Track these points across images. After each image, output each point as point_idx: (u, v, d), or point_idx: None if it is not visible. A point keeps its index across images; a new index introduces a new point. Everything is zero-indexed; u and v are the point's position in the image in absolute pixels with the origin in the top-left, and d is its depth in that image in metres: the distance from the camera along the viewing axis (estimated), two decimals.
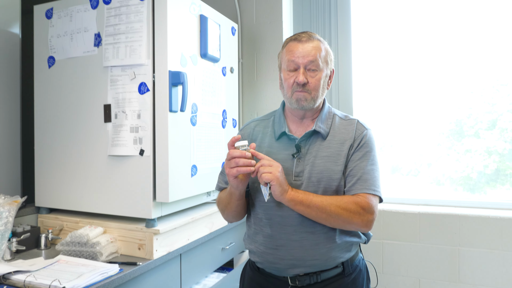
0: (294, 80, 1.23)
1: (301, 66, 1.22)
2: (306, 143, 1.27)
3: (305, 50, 1.22)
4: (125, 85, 1.62)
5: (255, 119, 1.42)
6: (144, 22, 1.59)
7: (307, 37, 1.24)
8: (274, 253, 1.24)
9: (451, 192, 2.46)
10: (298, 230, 1.22)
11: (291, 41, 1.26)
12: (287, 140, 1.29)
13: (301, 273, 1.24)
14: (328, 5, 2.51)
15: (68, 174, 1.77)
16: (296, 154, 1.25)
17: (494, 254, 2.09)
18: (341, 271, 1.26)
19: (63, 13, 1.76)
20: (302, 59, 1.22)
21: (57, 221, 1.78)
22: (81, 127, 1.74)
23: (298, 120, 1.32)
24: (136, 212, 1.62)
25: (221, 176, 1.41)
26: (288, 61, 1.24)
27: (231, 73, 2.14)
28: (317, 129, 1.26)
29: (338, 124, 1.31)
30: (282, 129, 1.29)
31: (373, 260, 2.31)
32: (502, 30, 2.29)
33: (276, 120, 1.34)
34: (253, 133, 1.37)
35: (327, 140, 1.26)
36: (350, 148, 1.25)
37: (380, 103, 2.63)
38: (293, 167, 1.24)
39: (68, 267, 1.42)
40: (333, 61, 1.31)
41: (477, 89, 2.42)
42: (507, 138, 2.32)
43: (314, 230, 1.21)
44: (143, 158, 1.60)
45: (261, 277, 1.32)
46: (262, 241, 1.27)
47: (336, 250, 1.23)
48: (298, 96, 1.24)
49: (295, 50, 1.23)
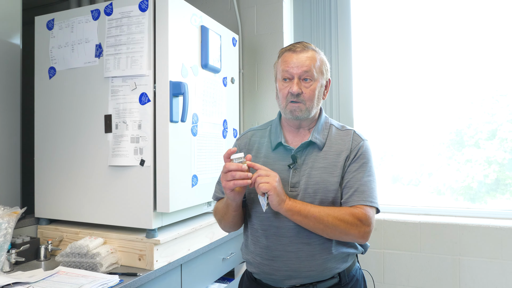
0: (288, 90, 1.23)
1: (295, 76, 1.23)
2: (302, 154, 1.26)
3: (299, 61, 1.23)
4: (126, 96, 1.63)
5: (252, 129, 1.42)
6: (145, 33, 1.60)
7: (301, 48, 1.25)
8: (270, 264, 1.24)
9: (452, 201, 2.46)
10: (294, 241, 1.22)
11: (286, 52, 1.27)
12: (283, 150, 1.29)
13: (297, 284, 1.23)
14: (328, 15, 2.53)
15: (68, 185, 1.76)
16: (292, 165, 1.25)
17: (494, 264, 2.08)
18: (337, 282, 1.26)
19: (64, 24, 1.77)
20: (297, 69, 1.22)
21: (57, 232, 1.77)
22: (81, 137, 1.74)
23: (295, 130, 1.32)
24: (136, 223, 1.61)
25: (218, 186, 1.41)
26: (282, 71, 1.25)
27: (232, 83, 2.15)
28: (313, 140, 1.26)
29: (335, 134, 1.31)
30: (278, 139, 1.29)
31: (374, 270, 2.30)
32: (501, 41, 2.31)
33: (272, 130, 1.34)
34: (250, 143, 1.37)
35: (323, 151, 1.26)
36: (346, 159, 1.25)
37: (380, 112, 2.64)
38: (289, 178, 1.24)
39: (67, 279, 1.41)
40: (329, 71, 1.32)
41: (477, 100, 2.44)
42: (506, 148, 2.33)
43: (310, 241, 1.21)
44: (143, 168, 1.60)
45: (258, 287, 1.32)
46: (259, 252, 1.27)
47: (332, 261, 1.23)
48: (293, 107, 1.24)
49: (289, 61, 1.24)
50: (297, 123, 1.30)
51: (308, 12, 2.59)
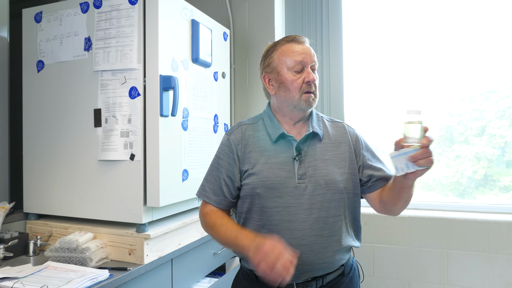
0: (303, 80, 1.22)
1: (307, 66, 1.23)
2: (304, 145, 1.25)
3: (308, 50, 1.24)
4: (116, 90, 1.62)
5: (243, 122, 1.35)
6: (135, 27, 1.59)
7: (302, 39, 1.26)
8: None
9: (441, 197, 2.49)
10: (307, 234, 1.19)
11: (288, 43, 1.25)
12: (284, 142, 1.25)
13: (309, 278, 1.22)
14: (319, 11, 2.54)
15: (58, 180, 1.75)
16: (298, 156, 1.23)
17: (482, 257, 2.12)
18: (341, 272, 1.27)
19: (53, 17, 1.75)
20: (309, 58, 1.23)
21: (46, 227, 1.75)
22: (70, 131, 1.72)
23: (291, 123, 1.30)
24: (126, 217, 1.61)
25: (208, 185, 1.31)
26: (294, 62, 1.22)
27: (223, 78, 2.15)
28: (315, 131, 1.26)
29: (329, 126, 1.33)
30: (279, 131, 1.25)
31: (364, 263, 2.33)
32: (491, 39, 2.34)
33: (267, 123, 1.30)
34: (245, 137, 1.30)
35: (323, 142, 1.27)
36: (351, 152, 1.28)
37: (371, 109, 2.66)
38: (295, 169, 1.21)
39: (56, 273, 1.41)
40: None
41: (467, 97, 2.47)
42: (495, 144, 2.37)
43: (323, 233, 1.20)
44: (133, 162, 1.59)
45: (260, 286, 1.26)
46: None
47: (340, 252, 1.24)
48: (308, 97, 1.23)
49: (299, 51, 1.23)
50: (301, 115, 1.28)
51: (300, 7, 2.59)
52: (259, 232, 1.23)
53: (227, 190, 1.28)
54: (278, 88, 1.26)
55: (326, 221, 1.21)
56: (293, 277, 1.19)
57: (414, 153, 1.01)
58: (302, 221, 1.20)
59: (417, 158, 1.01)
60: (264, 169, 1.23)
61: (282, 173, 1.21)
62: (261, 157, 1.24)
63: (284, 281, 1.03)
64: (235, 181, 1.27)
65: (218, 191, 1.29)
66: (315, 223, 1.20)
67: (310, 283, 1.23)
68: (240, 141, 1.29)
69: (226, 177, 1.28)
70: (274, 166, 1.23)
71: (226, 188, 1.28)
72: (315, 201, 1.20)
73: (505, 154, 2.35)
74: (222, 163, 1.29)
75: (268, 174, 1.22)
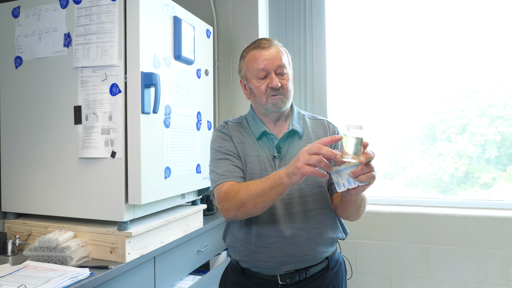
0: (266, 86, 1.25)
1: (271, 71, 1.24)
2: (285, 143, 1.30)
3: (271, 55, 1.25)
4: (96, 86, 1.60)
5: (229, 121, 1.42)
6: (116, 23, 1.57)
7: (268, 43, 1.27)
8: (265, 251, 1.25)
9: (424, 194, 2.54)
10: (288, 227, 1.24)
11: (253, 50, 1.28)
12: (267, 140, 1.31)
13: (292, 270, 1.25)
14: (303, 8, 2.55)
15: (37, 178, 1.72)
16: (278, 154, 1.28)
17: (460, 251, 2.17)
18: (326, 266, 1.30)
19: (31, 12, 1.72)
20: (271, 64, 1.24)
21: (25, 226, 1.72)
22: (50, 129, 1.69)
23: (272, 123, 1.35)
24: (107, 215, 1.59)
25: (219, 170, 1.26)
26: (257, 70, 1.25)
27: (206, 75, 2.14)
28: (294, 129, 1.30)
29: (310, 124, 1.36)
30: (262, 128, 1.31)
31: (347, 258, 2.36)
32: (472, 39, 2.39)
33: (251, 122, 1.35)
34: (232, 130, 1.36)
35: (303, 140, 1.31)
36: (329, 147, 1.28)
37: (355, 108, 2.69)
38: (275, 167, 1.26)
39: (35, 273, 1.38)
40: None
41: (449, 95, 2.52)
42: (476, 142, 2.42)
43: (304, 226, 1.24)
44: (114, 160, 1.57)
45: (247, 279, 1.31)
46: (253, 240, 1.27)
47: (323, 245, 1.27)
48: (274, 100, 1.26)
49: (261, 58, 1.25)
50: (276, 116, 1.32)
51: (283, 5, 2.60)
52: (243, 223, 1.29)
53: (239, 164, 1.28)
54: (250, 94, 1.33)
55: (307, 215, 1.25)
56: (274, 268, 1.25)
57: (355, 169, 1.00)
58: (283, 215, 1.24)
59: (358, 174, 1.00)
60: (250, 161, 1.28)
61: (268, 168, 1.27)
62: (251, 150, 1.31)
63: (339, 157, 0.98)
64: (241, 158, 1.29)
65: (232, 168, 1.26)
66: (296, 216, 1.24)
67: (293, 275, 1.25)
68: (231, 133, 1.36)
69: (234, 154, 1.29)
70: (261, 159, 1.28)
71: (238, 161, 1.28)
72: (294, 195, 1.25)
73: (485, 151, 2.41)
74: (225, 149, 1.30)
75: (254, 166, 1.27)
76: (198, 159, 2.01)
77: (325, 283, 1.29)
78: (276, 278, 1.26)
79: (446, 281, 2.19)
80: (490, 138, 2.40)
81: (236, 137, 1.34)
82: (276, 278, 1.26)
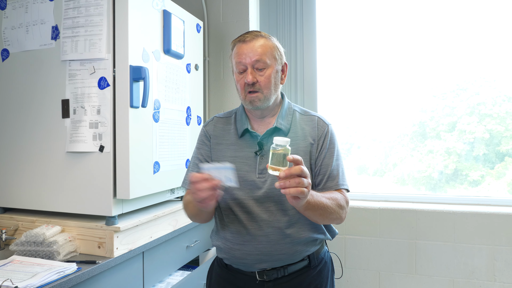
0: (244, 81, 1.23)
1: (249, 66, 1.23)
2: (268, 140, 1.27)
3: (250, 50, 1.22)
4: (84, 80, 1.58)
5: (217, 115, 1.42)
6: (104, 16, 1.55)
7: (251, 37, 1.25)
8: (241, 248, 1.25)
9: (414, 191, 2.56)
10: (264, 225, 1.24)
11: (237, 43, 1.27)
12: (250, 137, 1.30)
13: (268, 268, 1.25)
14: (294, 4, 2.55)
15: (24, 172, 1.70)
16: (259, 151, 1.26)
17: (447, 246, 2.20)
18: (307, 264, 1.29)
19: (18, 4, 1.69)
20: (249, 59, 1.22)
21: (12, 221, 1.70)
22: (37, 122, 1.68)
23: (257, 119, 1.33)
24: (95, 210, 1.58)
25: (189, 174, 1.37)
26: (236, 63, 1.25)
27: (196, 70, 2.13)
28: (278, 126, 1.28)
29: (299, 119, 1.33)
30: (244, 126, 1.30)
31: (338, 257, 2.37)
32: (462, 38, 2.41)
33: (238, 117, 1.35)
34: (214, 129, 1.37)
35: (288, 137, 1.28)
36: (313, 146, 1.28)
37: (346, 105, 2.71)
38: (256, 164, 1.26)
39: (22, 267, 1.37)
40: (283, 55, 1.31)
41: (439, 93, 2.54)
42: (465, 139, 2.45)
43: (280, 225, 1.24)
44: (103, 154, 1.56)
45: (229, 273, 1.33)
46: (230, 237, 1.28)
47: (301, 244, 1.26)
48: (251, 98, 1.24)
49: (241, 52, 1.24)
50: (260, 112, 1.31)
51: (274, 1, 2.59)
52: (224, 220, 1.30)
53: None
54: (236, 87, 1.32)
55: (284, 214, 1.24)
56: (251, 265, 1.26)
57: (277, 182, 1.02)
58: (259, 213, 1.24)
59: (281, 187, 1.01)
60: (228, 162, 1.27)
61: (244, 167, 1.26)
62: (227, 151, 1.30)
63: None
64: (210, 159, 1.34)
65: None
66: (272, 215, 1.23)
67: (270, 272, 1.26)
68: (213, 132, 1.37)
69: (205, 161, 1.34)
70: (237, 160, 1.27)
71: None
72: (273, 194, 1.23)
73: (474, 149, 2.44)
74: (201, 151, 1.36)
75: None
76: (188, 154, 2.01)
77: (306, 281, 1.28)
78: (254, 274, 1.27)
79: (434, 277, 2.22)
80: (479, 136, 2.42)
81: (215, 138, 1.34)
82: (255, 275, 1.27)
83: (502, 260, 2.11)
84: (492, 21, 2.36)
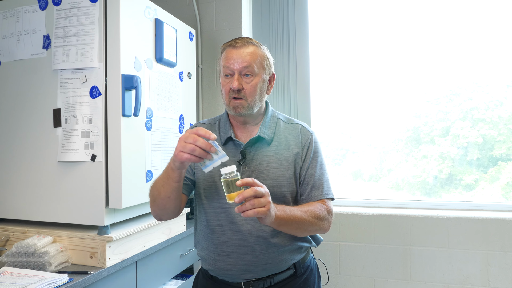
0: (229, 86, 1.22)
1: (236, 72, 1.21)
2: (251, 149, 1.26)
3: (239, 56, 1.21)
4: (76, 89, 1.58)
5: (201, 122, 1.40)
6: (96, 25, 1.56)
7: (242, 43, 1.24)
8: (226, 259, 1.24)
9: (409, 196, 2.57)
10: (249, 235, 1.22)
11: (227, 47, 1.26)
12: (233, 145, 1.28)
13: (254, 278, 1.24)
14: (286, 11, 2.56)
15: (15, 182, 1.69)
16: (242, 161, 1.24)
17: (442, 252, 2.20)
18: (293, 273, 1.28)
19: (9, 13, 1.69)
20: (237, 64, 1.21)
21: (3, 232, 1.68)
22: (29, 132, 1.67)
23: (242, 126, 1.32)
24: (87, 220, 1.57)
25: None
26: (223, 67, 1.24)
27: (189, 78, 2.13)
28: (261, 135, 1.26)
29: (283, 128, 1.32)
30: (227, 134, 1.28)
31: (330, 261, 2.36)
32: (455, 43, 2.43)
33: (221, 125, 1.33)
34: None
35: (272, 146, 1.27)
36: (297, 155, 1.27)
37: (341, 111, 2.72)
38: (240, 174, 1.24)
39: (12, 279, 1.35)
40: (272, 66, 1.30)
41: (432, 99, 2.56)
42: (459, 144, 2.46)
43: (265, 235, 1.22)
44: (95, 163, 1.55)
45: (215, 285, 1.31)
46: (213, 248, 1.26)
47: (287, 253, 1.25)
48: (235, 104, 1.22)
49: (230, 56, 1.23)
50: (242, 119, 1.29)
51: (267, 8, 2.61)
52: (205, 231, 1.28)
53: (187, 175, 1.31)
54: (221, 91, 1.30)
55: None
56: (236, 276, 1.24)
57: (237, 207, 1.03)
58: (244, 223, 1.22)
59: (240, 210, 1.02)
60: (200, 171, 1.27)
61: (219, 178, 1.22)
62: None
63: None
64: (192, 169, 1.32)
65: None
66: (257, 224, 1.22)
67: (256, 283, 1.24)
68: None
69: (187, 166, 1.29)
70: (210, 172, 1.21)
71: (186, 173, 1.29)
72: None
73: (467, 153, 2.45)
74: None
75: (213, 176, 1.25)
76: None
77: None
78: (240, 285, 1.25)
79: (428, 282, 2.21)
80: (472, 141, 2.44)
81: None
82: (241, 286, 1.25)
83: (496, 266, 2.12)
84: (484, 27, 2.38)
